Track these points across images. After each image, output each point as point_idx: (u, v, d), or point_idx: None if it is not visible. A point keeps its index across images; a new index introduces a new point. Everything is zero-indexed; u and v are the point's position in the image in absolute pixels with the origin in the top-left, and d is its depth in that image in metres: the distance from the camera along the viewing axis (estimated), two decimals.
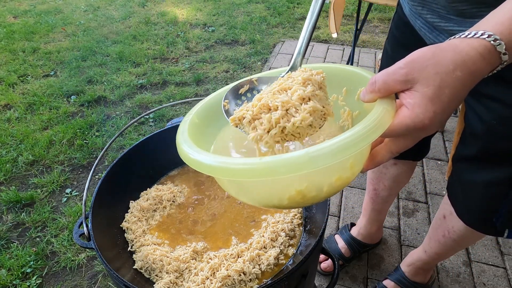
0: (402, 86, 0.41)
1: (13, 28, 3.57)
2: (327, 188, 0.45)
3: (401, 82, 0.40)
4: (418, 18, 0.78)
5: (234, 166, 0.39)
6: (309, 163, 0.36)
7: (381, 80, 0.42)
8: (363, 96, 0.45)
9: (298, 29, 3.53)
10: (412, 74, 0.40)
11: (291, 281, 0.68)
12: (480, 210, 0.88)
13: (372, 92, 0.43)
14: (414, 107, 0.39)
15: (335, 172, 0.43)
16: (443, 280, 1.43)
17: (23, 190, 1.87)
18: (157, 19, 3.77)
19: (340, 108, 0.57)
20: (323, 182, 0.44)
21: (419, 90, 0.39)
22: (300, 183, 0.43)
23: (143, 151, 0.96)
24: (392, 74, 0.41)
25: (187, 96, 2.58)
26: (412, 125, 0.40)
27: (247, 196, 0.50)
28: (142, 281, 0.76)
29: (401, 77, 0.40)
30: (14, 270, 1.49)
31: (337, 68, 0.57)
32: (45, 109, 2.45)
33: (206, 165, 0.41)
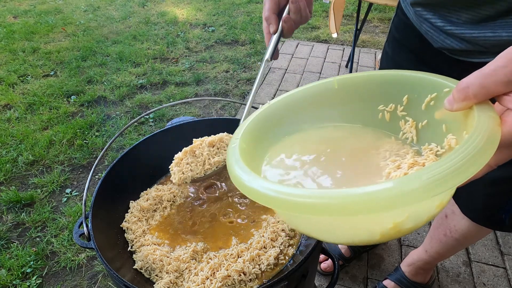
0: (506, 87, 0.35)
1: (13, 28, 3.57)
2: (427, 216, 0.38)
3: (505, 83, 0.35)
4: (424, 22, 0.77)
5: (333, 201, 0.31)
6: (423, 192, 0.29)
7: (478, 83, 0.36)
8: (451, 105, 0.39)
9: (298, 29, 3.53)
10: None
11: (291, 281, 0.68)
12: (486, 207, 0.88)
13: (466, 99, 0.37)
14: None
15: (438, 199, 0.37)
16: (443, 280, 1.43)
17: (23, 190, 1.87)
18: (157, 19, 3.77)
19: (399, 120, 0.50)
20: (424, 210, 0.38)
21: None
22: (400, 215, 0.36)
23: (143, 151, 0.96)
24: (491, 75, 0.35)
25: (187, 96, 2.58)
26: None
27: (327, 234, 0.42)
28: (142, 281, 0.76)
29: (504, 77, 0.34)
30: (14, 270, 1.49)
31: (394, 75, 0.50)
32: (45, 109, 2.45)
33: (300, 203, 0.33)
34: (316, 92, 0.57)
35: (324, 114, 0.57)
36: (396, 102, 0.50)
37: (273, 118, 0.57)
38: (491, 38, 0.62)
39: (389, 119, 0.52)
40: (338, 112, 0.57)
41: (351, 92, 0.55)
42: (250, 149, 0.50)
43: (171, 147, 1.03)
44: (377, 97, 0.52)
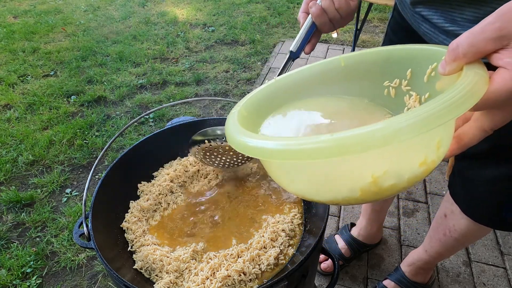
0: (496, 44, 0.34)
1: (13, 28, 3.57)
2: (409, 176, 0.37)
3: (494, 39, 0.34)
4: (422, 23, 0.77)
5: (302, 147, 0.32)
6: (394, 134, 0.29)
7: (467, 42, 0.35)
8: (443, 68, 0.38)
9: (298, 29, 3.53)
10: (507, 27, 0.33)
11: (291, 281, 0.68)
12: (487, 206, 0.88)
13: (456, 59, 0.36)
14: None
15: (420, 152, 0.36)
16: (443, 280, 1.43)
17: (23, 190, 1.87)
18: (157, 19, 3.77)
19: (404, 95, 0.50)
20: (405, 166, 0.37)
21: None
22: (378, 167, 0.36)
23: (143, 151, 0.96)
24: (480, 32, 0.34)
25: (187, 96, 2.58)
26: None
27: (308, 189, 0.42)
28: (142, 281, 0.76)
29: (493, 33, 0.33)
30: (14, 270, 1.49)
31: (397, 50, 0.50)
32: (45, 109, 2.45)
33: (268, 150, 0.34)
34: (323, 70, 0.57)
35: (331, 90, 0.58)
36: (401, 77, 0.50)
37: (279, 92, 0.58)
38: None
39: (394, 95, 0.52)
40: (345, 89, 0.57)
41: (357, 70, 0.55)
42: (251, 117, 0.51)
43: (171, 147, 1.03)
44: (383, 73, 0.53)
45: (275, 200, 0.92)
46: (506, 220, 0.86)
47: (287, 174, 0.43)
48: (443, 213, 1.05)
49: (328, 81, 0.58)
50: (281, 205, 0.91)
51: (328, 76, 0.57)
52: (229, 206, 0.91)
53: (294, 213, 0.88)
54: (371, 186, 0.37)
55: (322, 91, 0.58)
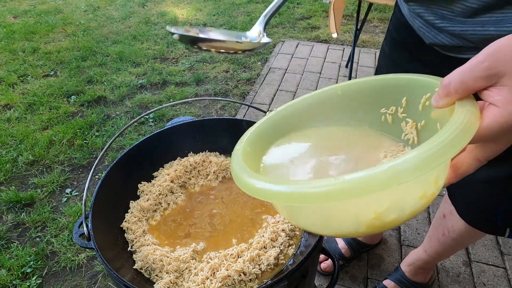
0: (485, 82, 0.36)
1: (13, 28, 3.57)
2: (410, 209, 0.40)
3: (483, 78, 0.35)
4: (416, 18, 0.78)
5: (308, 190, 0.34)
6: (394, 178, 0.31)
7: (457, 79, 0.37)
8: (436, 102, 0.40)
9: (298, 29, 3.53)
10: (496, 67, 0.35)
11: (291, 281, 0.68)
12: (481, 209, 0.88)
13: (448, 95, 0.38)
14: (506, 103, 0.35)
15: (420, 188, 0.38)
16: (443, 280, 1.43)
17: (23, 190, 1.87)
18: (157, 19, 3.77)
19: (401, 121, 0.52)
20: (406, 201, 0.39)
21: (507, 84, 0.34)
22: (380, 204, 0.38)
23: (143, 151, 0.96)
24: (470, 70, 0.36)
25: (187, 96, 2.58)
26: (505, 126, 0.35)
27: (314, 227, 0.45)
28: (142, 281, 0.76)
29: (482, 72, 0.35)
30: (14, 270, 1.49)
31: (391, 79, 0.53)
32: (45, 109, 2.45)
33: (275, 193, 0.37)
34: (321, 98, 0.59)
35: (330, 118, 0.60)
36: (396, 104, 0.52)
37: (280, 124, 0.59)
38: (480, 33, 0.62)
39: (391, 121, 0.54)
40: (343, 117, 0.59)
41: (354, 97, 0.57)
42: (254, 152, 0.53)
43: (171, 147, 1.03)
44: (379, 101, 0.55)
45: None
46: (496, 224, 0.86)
47: (292, 214, 0.46)
48: (442, 213, 1.06)
49: (326, 110, 0.60)
50: None
51: (326, 105, 0.59)
52: (229, 206, 0.91)
53: None
54: (375, 221, 0.39)
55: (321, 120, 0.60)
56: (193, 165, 1.01)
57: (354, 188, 0.32)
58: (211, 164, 1.01)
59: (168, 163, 1.03)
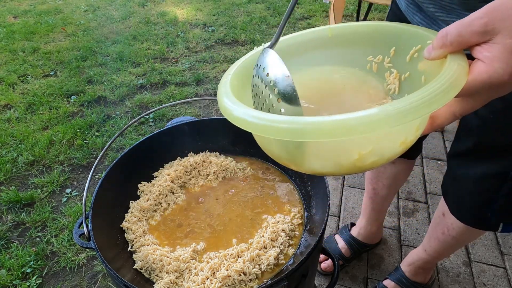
0: (480, 38, 0.36)
1: (13, 28, 3.57)
2: (389, 154, 0.41)
3: (479, 33, 0.36)
4: (416, 14, 0.77)
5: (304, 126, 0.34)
6: (387, 120, 0.32)
7: (455, 32, 0.38)
8: (429, 53, 0.41)
9: (298, 29, 3.53)
10: (492, 24, 0.35)
11: (291, 281, 0.68)
12: (473, 205, 0.89)
13: (443, 46, 0.39)
14: (493, 60, 0.35)
15: (402, 134, 0.40)
16: (443, 280, 1.43)
17: (23, 190, 1.87)
18: (157, 19, 3.77)
19: (386, 71, 0.52)
20: (388, 146, 0.41)
21: (499, 42, 0.35)
22: (365, 146, 0.39)
23: (143, 151, 0.96)
24: (468, 25, 0.37)
25: (187, 96, 2.58)
26: (488, 81, 0.36)
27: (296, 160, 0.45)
28: (142, 281, 0.76)
29: (479, 28, 0.36)
30: (14, 270, 1.49)
31: (384, 25, 0.52)
32: (45, 109, 2.45)
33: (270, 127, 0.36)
34: (311, 39, 0.60)
35: (318, 58, 0.60)
36: (384, 53, 0.53)
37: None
38: None
39: (376, 70, 0.54)
40: (330, 58, 0.59)
41: (343, 41, 0.58)
42: (241, 85, 0.52)
43: (171, 147, 1.03)
44: (367, 47, 0.55)
45: (275, 200, 0.92)
46: (490, 220, 0.86)
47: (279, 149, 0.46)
48: (441, 212, 1.06)
49: (315, 50, 0.60)
50: (282, 205, 0.91)
51: (316, 45, 0.59)
52: (229, 206, 0.91)
53: (294, 213, 0.88)
54: (357, 162, 0.41)
55: (309, 59, 0.60)
56: (193, 165, 1.01)
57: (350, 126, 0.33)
58: (211, 164, 1.01)
59: (168, 163, 1.03)
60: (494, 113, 0.73)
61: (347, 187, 1.85)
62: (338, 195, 1.81)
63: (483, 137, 0.78)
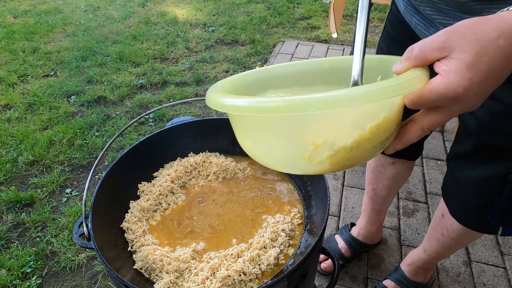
0: (439, 54, 0.39)
1: (13, 28, 3.57)
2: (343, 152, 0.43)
3: (438, 49, 0.39)
4: (414, 16, 0.77)
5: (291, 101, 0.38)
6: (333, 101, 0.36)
7: (418, 47, 0.41)
8: (396, 67, 0.44)
9: (298, 29, 3.53)
10: (450, 41, 0.38)
11: (291, 281, 0.68)
12: (473, 208, 0.88)
13: (407, 59, 0.42)
14: (449, 73, 0.38)
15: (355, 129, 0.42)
16: (443, 280, 1.43)
17: (23, 190, 1.87)
18: (157, 19, 3.77)
19: None
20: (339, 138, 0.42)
21: (455, 57, 0.38)
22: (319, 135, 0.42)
23: (143, 151, 0.96)
24: (429, 42, 0.40)
25: (187, 96, 2.58)
26: (444, 93, 0.38)
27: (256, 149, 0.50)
28: (142, 281, 0.76)
29: (438, 44, 0.39)
30: (14, 270, 1.49)
31: (377, 58, 0.56)
32: (45, 109, 2.45)
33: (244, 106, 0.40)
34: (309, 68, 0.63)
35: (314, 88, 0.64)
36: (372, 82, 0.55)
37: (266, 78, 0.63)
38: None
39: None
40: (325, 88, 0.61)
41: (339, 72, 0.61)
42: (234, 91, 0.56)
43: (171, 147, 1.03)
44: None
45: (275, 200, 0.92)
46: (490, 223, 0.86)
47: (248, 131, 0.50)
48: (441, 212, 1.06)
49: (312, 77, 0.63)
50: (282, 205, 0.91)
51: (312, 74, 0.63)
52: (229, 206, 0.91)
53: (294, 213, 0.88)
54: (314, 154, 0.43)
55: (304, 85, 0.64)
56: (193, 165, 1.01)
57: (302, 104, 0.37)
58: (211, 164, 1.01)
59: (168, 163, 1.03)
60: (492, 116, 0.73)
61: (347, 187, 1.85)
62: (338, 195, 1.81)
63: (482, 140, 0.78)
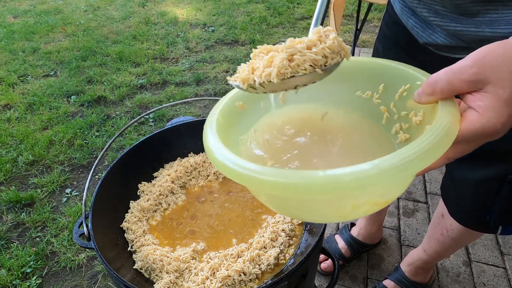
0: (470, 87, 0.36)
1: (13, 28, 3.57)
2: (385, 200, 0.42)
3: (470, 82, 0.36)
4: (410, 17, 0.77)
5: (296, 181, 0.33)
6: (378, 176, 0.32)
7: (445, 80, 0.38)
8: (419, 98, 0.41)
9: (298, 29, 3.53)
10: (483, 74, 0.35)
11: (291, 281, 0.68)
12: (472, 208, 0.88)
13: (433, 93, 0.39)
14: (486, 110, 0.35)
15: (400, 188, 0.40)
16: (443, 280, 1.43)
17: (23, 190, 1.87)
18: (157, 19, 3.77)
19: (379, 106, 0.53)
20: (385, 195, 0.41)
21: (491, 92, 0.35)
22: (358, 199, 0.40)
23: (143, 151, 0.96)
24: (458, 73, 0.37)
25: (187, 96, 2.58)
26: (481, 131, 0.36)
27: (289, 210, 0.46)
28: (142, 281, 0.76)
29: (470, 77, 0.36)
30: (14, 270, 1.49)
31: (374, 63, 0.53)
32: (45, 109, 2.45)
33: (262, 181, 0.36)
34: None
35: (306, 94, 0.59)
36: (373, 90, 0.53)
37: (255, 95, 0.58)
38: (474, 33, 0.62)
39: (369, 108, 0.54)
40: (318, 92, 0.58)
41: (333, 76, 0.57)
42: (228, 123, 0.52)
43: (171, 147, 1.03)
44: (356, 83, 0.55)
45: None
46: (490, 222, 0.86)
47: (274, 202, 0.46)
48: (441, 212, 1.06)
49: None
50: None
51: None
52: (229, 206, 0.91)
53: None
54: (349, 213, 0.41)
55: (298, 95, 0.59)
56: (193, 165, 1.01)
57: (345, 183, 0.32)
58: (211, 165, 1.01)
59: (168, 163, 1.03)
60: None
61: None
62: None
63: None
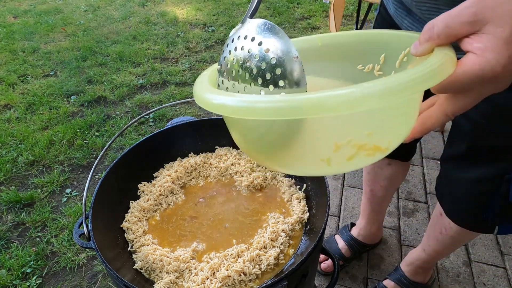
0: (469, 28, 0.34)
1: (13, 28, 3.57)
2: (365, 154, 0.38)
3: (468, 23, 0.34)
4: (405, 18, 0.77)
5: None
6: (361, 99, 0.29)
7: (443, 23, 0.35)
8: (416, 49, 0.38)
9: (298, 29, 3.53)
10: (482, 13, 0.33)
11: (291, 281, 0.68)
12: (469, 208, 0.89)
13: (430, 39, 0.36)
14: (485, 51, 0.33)
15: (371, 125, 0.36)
16: (443, 280, 1.43)
17: (23, 190, 1.87)
18: (157, 19, 3.77)
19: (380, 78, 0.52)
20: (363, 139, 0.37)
21: (490, 32, 0.33)
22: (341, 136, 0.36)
23: (143, 151, 0.96)
24: (456, 15, 0.35)
25: (187, 96, 2.58)
26: (480, 74, 0.33)
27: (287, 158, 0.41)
28: (142, 281, 0.76)
29: (468, 18, 0.34)
30: (14, 270, 1.49)
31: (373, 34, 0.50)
32: (45, 109, 2.45)
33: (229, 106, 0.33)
34: (300, 48, 0.57)
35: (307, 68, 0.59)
36: (374, 61, 0.51)
37: None
38: None
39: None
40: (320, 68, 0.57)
41: (333, 50, 0.55)
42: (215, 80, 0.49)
43: (171, 147, 1.03)
44: (357, 56, 0.53)
45: (276, 200, 0.92)
46: (487, 222, 0.86)
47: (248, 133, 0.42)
48: (439, 211, 1.06)
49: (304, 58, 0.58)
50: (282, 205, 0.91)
51: (305, 54, 0.57)
52: (229, 207, 0.91)
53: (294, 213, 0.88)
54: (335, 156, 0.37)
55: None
56: (193, 166, 1.01)
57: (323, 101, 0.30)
58: (211, 165, 1.01)
59: (168, 163, 1.03)
60: (485, 117, 0.73)
61: (347, 187, 1.85)
62: (338, 195, 1.81)
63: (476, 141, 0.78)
